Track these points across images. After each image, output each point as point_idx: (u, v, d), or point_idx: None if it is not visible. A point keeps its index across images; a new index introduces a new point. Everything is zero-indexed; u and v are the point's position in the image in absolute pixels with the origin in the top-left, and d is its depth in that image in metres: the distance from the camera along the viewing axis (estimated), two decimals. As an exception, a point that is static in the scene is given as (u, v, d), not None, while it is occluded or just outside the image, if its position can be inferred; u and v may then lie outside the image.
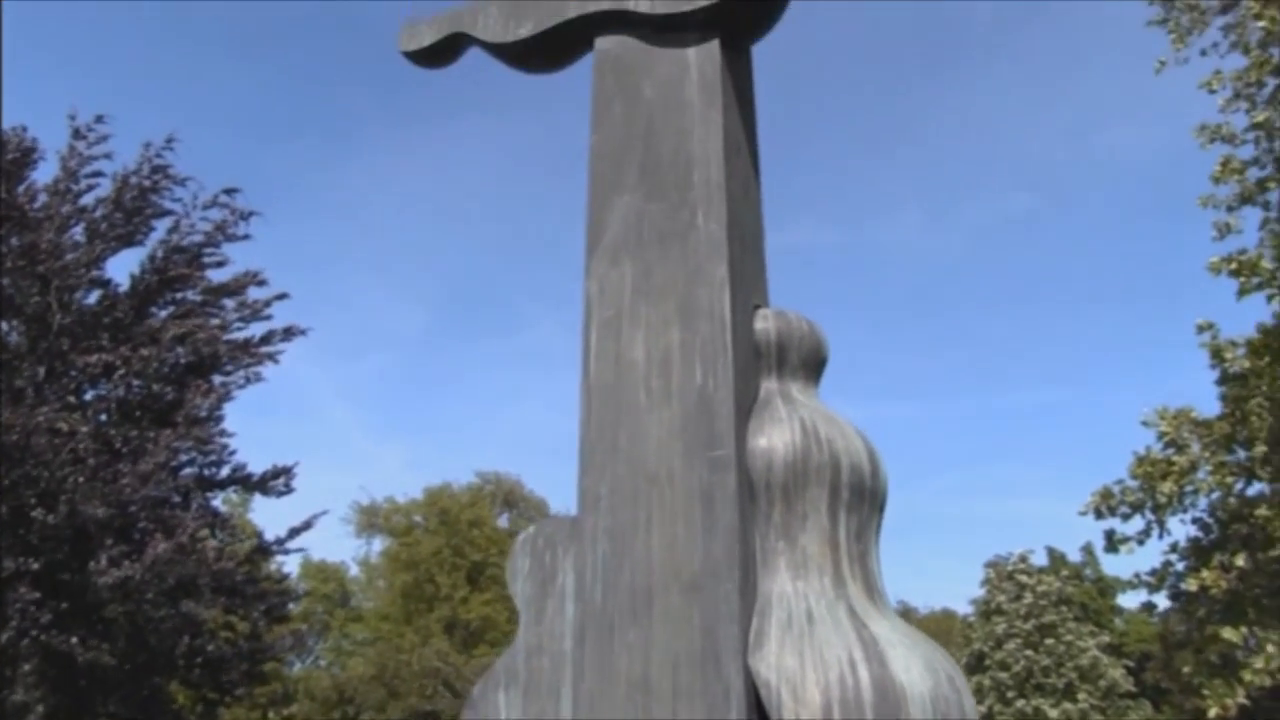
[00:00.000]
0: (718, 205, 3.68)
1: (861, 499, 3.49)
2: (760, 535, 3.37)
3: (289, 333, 11.89)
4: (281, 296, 12.22)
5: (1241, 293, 13.39)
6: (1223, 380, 14.86)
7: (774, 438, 3.44)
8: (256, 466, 11.82)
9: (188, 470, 11.39)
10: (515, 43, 4.37)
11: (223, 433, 11.66)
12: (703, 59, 3.98)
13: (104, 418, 10.81)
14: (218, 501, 12.42)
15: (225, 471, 11.64)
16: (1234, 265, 13.44)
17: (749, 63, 4.33)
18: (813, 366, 3.82)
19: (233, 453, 11.76)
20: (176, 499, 11.03)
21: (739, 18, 4.07)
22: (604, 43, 4.20)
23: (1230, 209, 15.23)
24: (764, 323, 3.76)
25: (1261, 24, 14.36)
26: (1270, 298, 13.23)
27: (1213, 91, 15.45)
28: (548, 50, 4.42)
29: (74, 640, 9.43)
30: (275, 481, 11.71)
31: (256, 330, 11.99)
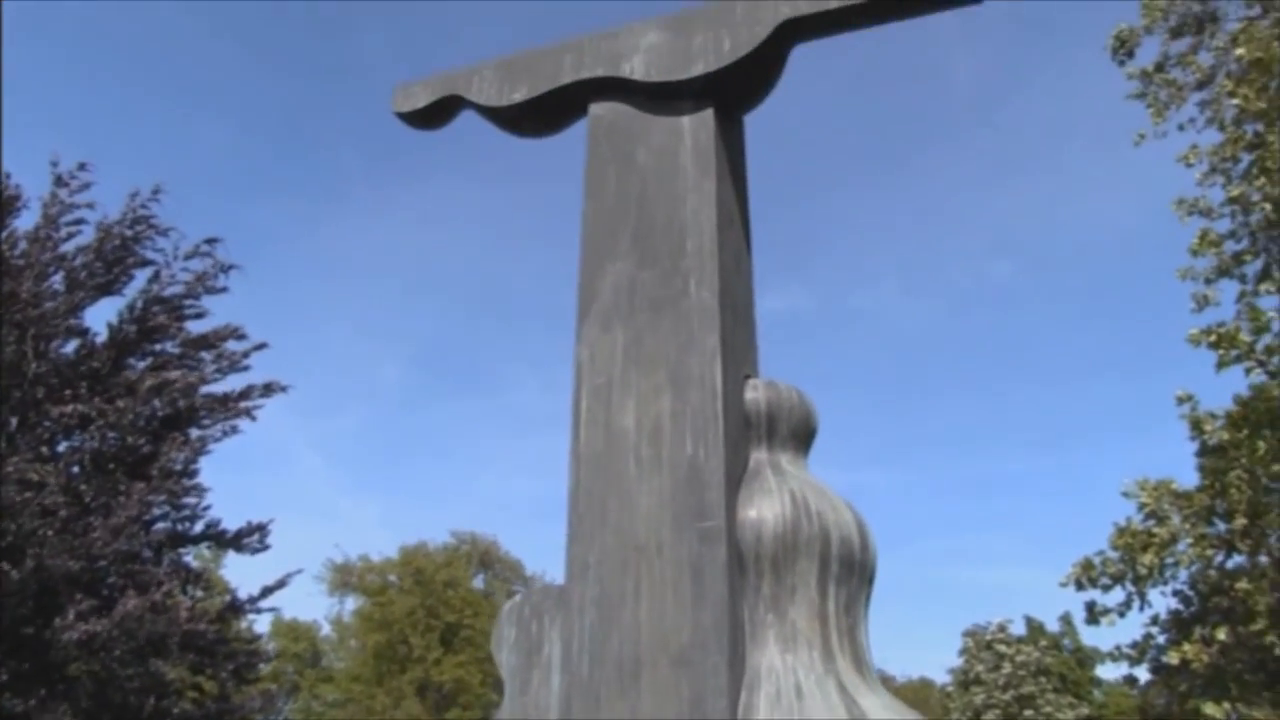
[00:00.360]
0: (710, 274, 3.70)
1: (850, 572, 3.47)
2: (749, 608, 3.34)
3: (269, 388, 11.80)
4: (260, 346, 12.14)
5: (1221, 365, 13.55)
6: (1202, 452, 14.97)
7: (763, 509, 3.42)
8: (231, 523, 11.67)
9: (160, 525, 11.22)
10: (509, 107, 4.41)
11: (197, 488, 11.51)
12: (697, 128, 4.02)
13: (76, 469, 10.67)
14: (189, 557, 12.23)
15: (199, 527, 11.47)
16: (1213, 337, 13.60)
17: (741, 133, 4.38)
18: (802, 437, 3.82)
19: (207, 508, 11.59)
20: (148, 554, 10.86)
21: (733, 88, 4.13)
22: (598, 109, 4.25)
23: (1208, 281, 15.49)
24: (754, 393, 3.76)
25: (1235, 101, 14.72)
26: (1249, 370, 13.38)
27: (1190, 165, 15.80)
28: (542, 115, 4.46)
29: (32, 702, 9.20)
30: (250, 538, 11.54)
31: (235, 384, 11.90)
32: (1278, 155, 13.63)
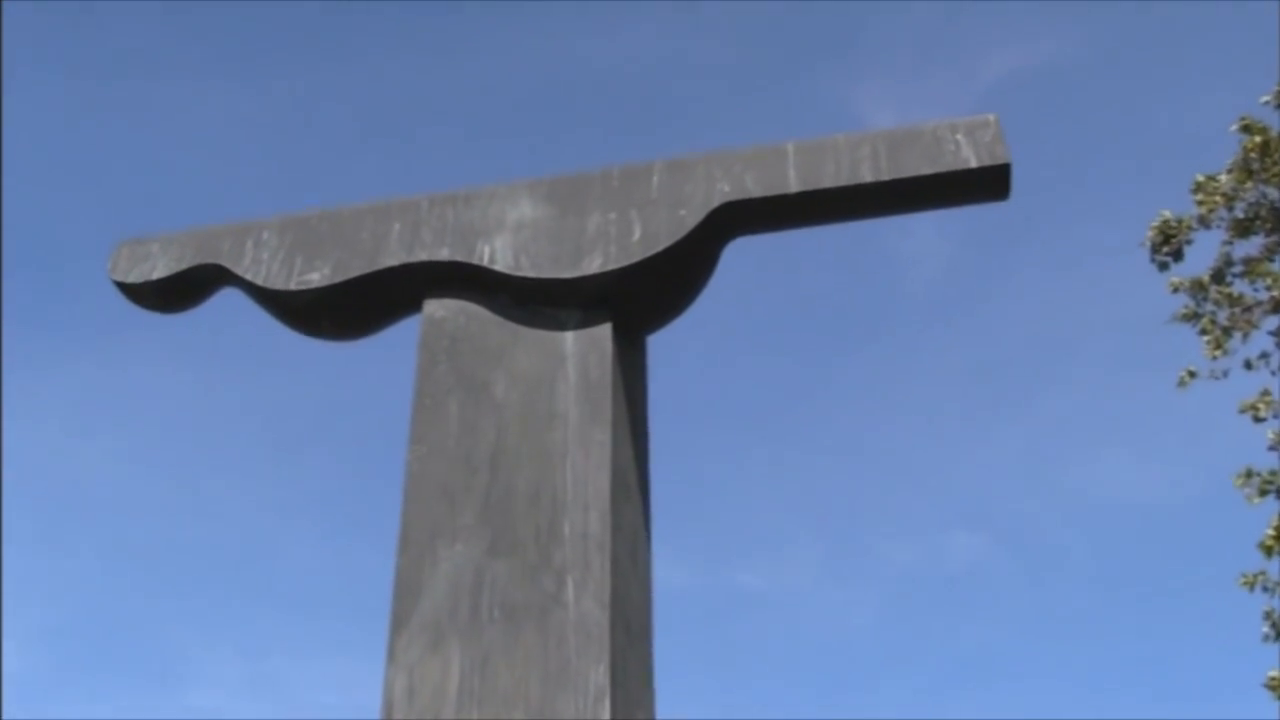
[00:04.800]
0: (598, 572, 3.88)
1: None
2: None
3: None
4: None
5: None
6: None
7: None
8: None
9: None
10: (301, 292, 4.54)
11: None
12: (586, 350, 4.25)
13: None
14: None
15: None
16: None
17: (644, 359, 4.64)
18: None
19: None
20: None
21: (641, 296, 4.40)
22: (437, 308, 4.45)
23: (1293, 597, 16.25)
24: (652, 756, 3.90)
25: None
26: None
27: (1260, 420, 16.87)
28: (348, 308, 4.64)
29: None
30: None
31: None
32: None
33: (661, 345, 4.70)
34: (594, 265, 4.33)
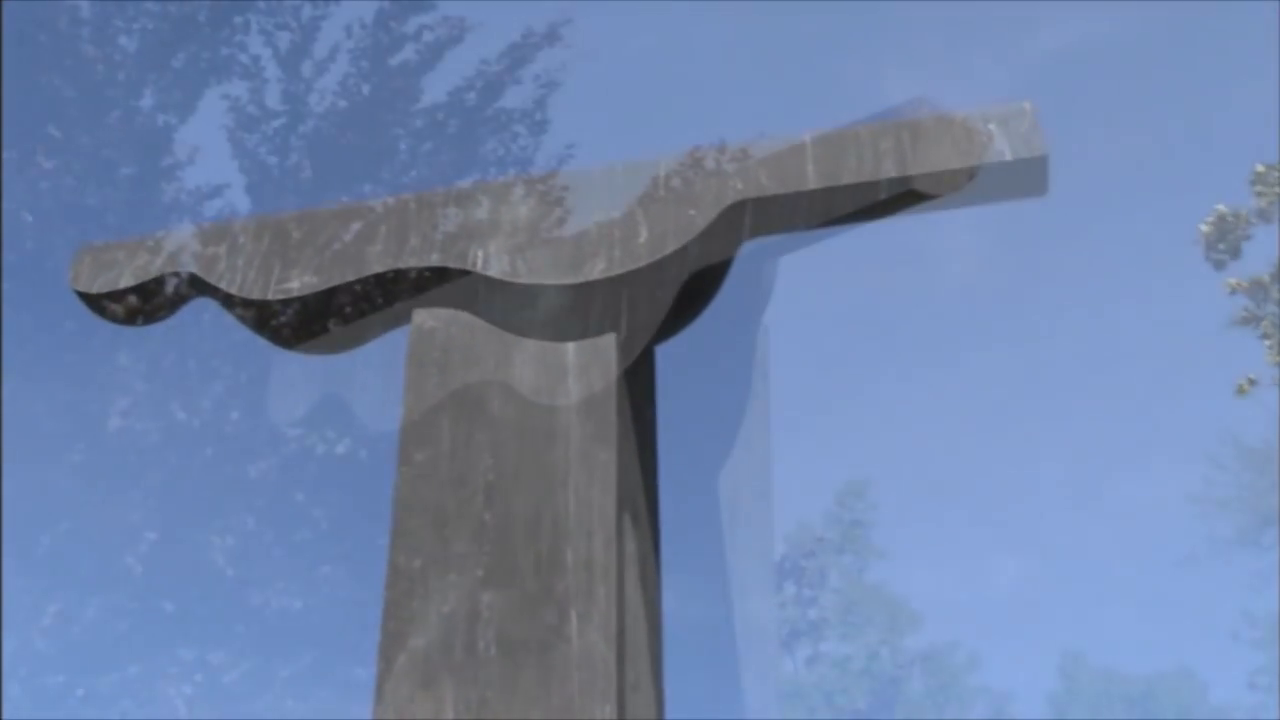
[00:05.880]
0: (602, 603, 3.87)
1: None
2: None
3: None
4: None
5: None
6: None
7: None
8: None
9: None
10: (280, 302, 4.54)
11: None
12: (588, 362, 4.25)
13: None
14: None
15: None
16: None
17: (651, 371, 4.62)
18: None
19: None
20: None
21: (651, 301, 4.37)
22: (427, 318, 4.45)
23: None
24: (663, 803, 3.90)
25: None
26: None
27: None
28: (330, 318, 4.62)
29: None
30: None
31: None
32: None
33: (671, 356, 4.69)
34: (596, 270, 4.33)
